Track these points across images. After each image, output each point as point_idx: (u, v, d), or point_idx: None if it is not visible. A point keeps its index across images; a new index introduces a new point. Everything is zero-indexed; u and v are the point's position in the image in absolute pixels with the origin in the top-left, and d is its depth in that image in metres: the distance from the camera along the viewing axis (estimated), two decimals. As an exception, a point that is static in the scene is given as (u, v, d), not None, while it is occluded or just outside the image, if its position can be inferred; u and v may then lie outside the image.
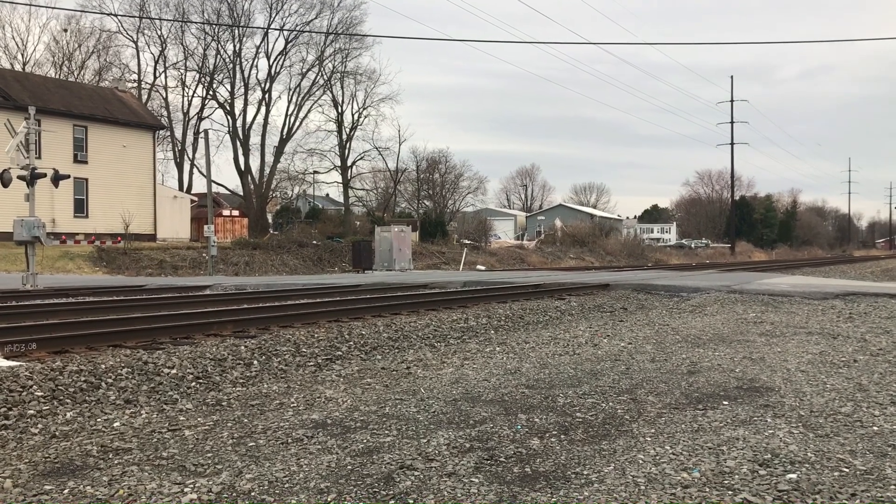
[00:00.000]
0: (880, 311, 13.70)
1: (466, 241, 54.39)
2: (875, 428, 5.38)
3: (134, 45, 59.36)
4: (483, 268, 41.82)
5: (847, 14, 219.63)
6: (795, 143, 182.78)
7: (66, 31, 58.00)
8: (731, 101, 77.36)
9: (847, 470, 4.40)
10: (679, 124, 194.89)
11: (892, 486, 4.11)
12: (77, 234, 38.94)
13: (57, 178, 20.97)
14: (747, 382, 7.09)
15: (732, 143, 77.60)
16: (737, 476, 4.30)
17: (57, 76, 54.46)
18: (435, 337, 10.71)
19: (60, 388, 6.69)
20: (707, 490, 4.08)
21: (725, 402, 6.23)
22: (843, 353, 8.89)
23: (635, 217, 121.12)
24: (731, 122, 77.14)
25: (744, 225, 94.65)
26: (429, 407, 6.18)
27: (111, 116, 42.35)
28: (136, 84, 57.86)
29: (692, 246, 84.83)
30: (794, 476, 4.28)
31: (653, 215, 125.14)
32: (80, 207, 40.55)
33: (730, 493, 4.03)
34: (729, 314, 13.68)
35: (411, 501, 3.98)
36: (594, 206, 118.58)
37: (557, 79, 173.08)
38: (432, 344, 10.25)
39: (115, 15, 58.09)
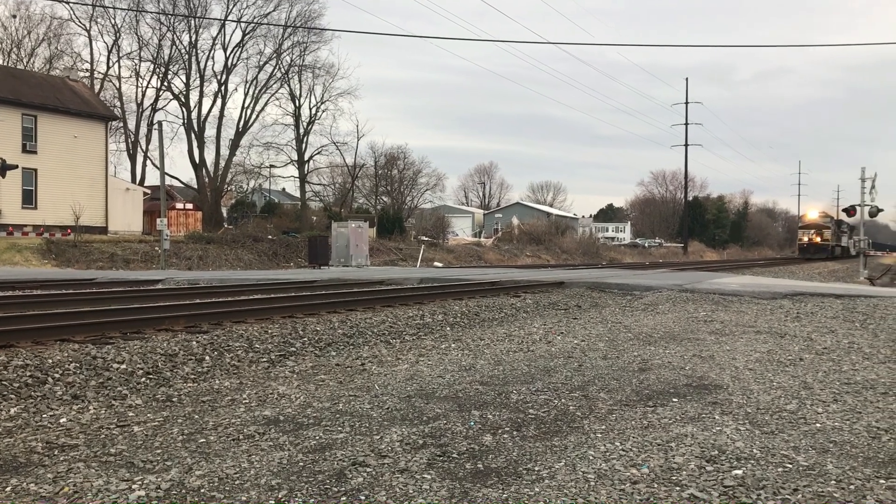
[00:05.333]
0: (826, 311, 14.05)
1: (424, 238, 54.40)
2: (818, 425, 5.52)
3: (87, 34, 58.14)
4: (440, 264, 41.87)
5: (804, 18, 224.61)
6: (748, 145, 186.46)
7: (14, 17, 56.56)
8: (686, 102, 78.65)
9: (790, 466, 4.51)
10: (635, 125, 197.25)
11: (833, 482, 4.22)
12: (25, 225, 38.03)
13: (4, 168, 20.49)
14: (697, 380, 7.22)
15: (686, 145, 78.92)
16: (684, 472, 4.37)
17: (5, 63, 53.08)
18: (390, 333, 10.70)
19: (4, 382, 6.53)
20: (655, 486, 4.15)
21: (675, 400, 6.33)
22: (790, 352, 9.10)
23: (591, 216, 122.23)
24: (686, 124, 78.41)
25: (696, 225, 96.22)
26: (383, 403, 6.17)
27: (62, 106, 41.41)
28: (88, 73, 56.61)
29: (646, 245, 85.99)
30: (739, 472, 4.37)
31: (608, 214, 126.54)
32: (29, 198, 39.59)
33: (677, 488, 4.11)
34: (680, 313, 13.90)
35: (363, 498, 3.97)
36: (551, 205, 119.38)
37: (516, 77, 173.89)
38: (387, 340, 10.24)
39: (67, 2, 56.76)
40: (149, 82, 59.74)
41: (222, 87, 59.71)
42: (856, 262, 53.95)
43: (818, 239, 63.33)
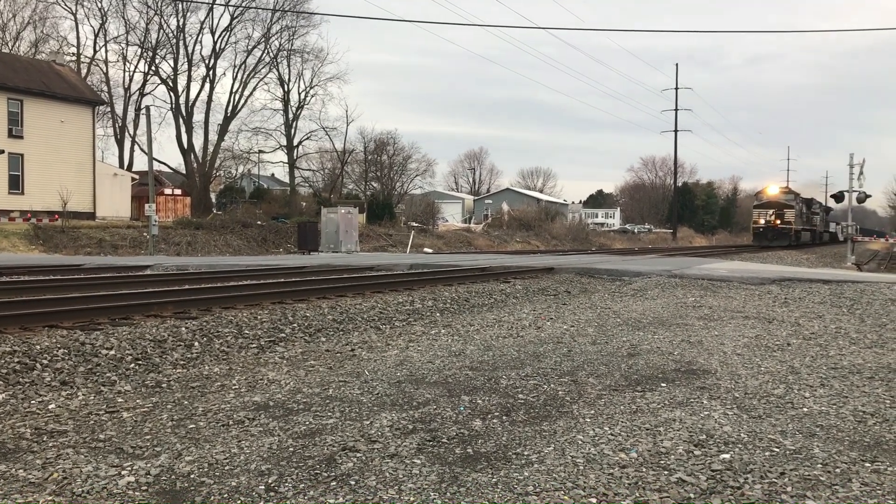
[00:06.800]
0: (814, 297, 14.13)
1: (414, 224, 54.34)
2: (805, 409, 5.56)
3: (73, 17, 57.55)
4: (430, 250, 41.86)
5: (793, 3, 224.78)
6: (737, 131, 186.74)
7: (-1, 0, 55.84)
8: (676, 88, 78.56)
9: (777, 450, 4.54)
10: (625, 110, 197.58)
11: (819, 465, 4.26)
12: (12, 211, 37.76)
13: (-10, 153, 20.29)
14: (685, 365, 7.26)
15: (676, 131, 78.89)
16: (672, 456, 4.40)
17: (-10, 47, 52.53)
18: (380, 319, 10.69)
19: (-8, 369, 6.50)
20: (644, 470, 4.17)
21: (663, 385, 6.37)
22: (778, 337, 9.15)
23: (580, 202, 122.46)
24: (676, 110, 78.37)
25: (686, 211, 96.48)
26: (373, 389, 6.18)
27: (48, 90, 41.03)
28: (74, 57, 56.10)
29: (635, 231, 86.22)
30: (727, 456, 4.41)
31: (597, 200, 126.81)
32: (16, 184, 39.28)
33: (665, 472, 4.13)
34: (669, 298, 13.96)
35: (353, 483, 3.98)
36: (541, 191, 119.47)
37: (506, 61, 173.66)
38: (377, 326, 10.24)
39: (53, -15, 56.13)
40: (136, 66, 59.39)
41: (210, 72, 59.37)
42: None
43: (777, 221, 50.98)
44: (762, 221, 51.62)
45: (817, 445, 4.64)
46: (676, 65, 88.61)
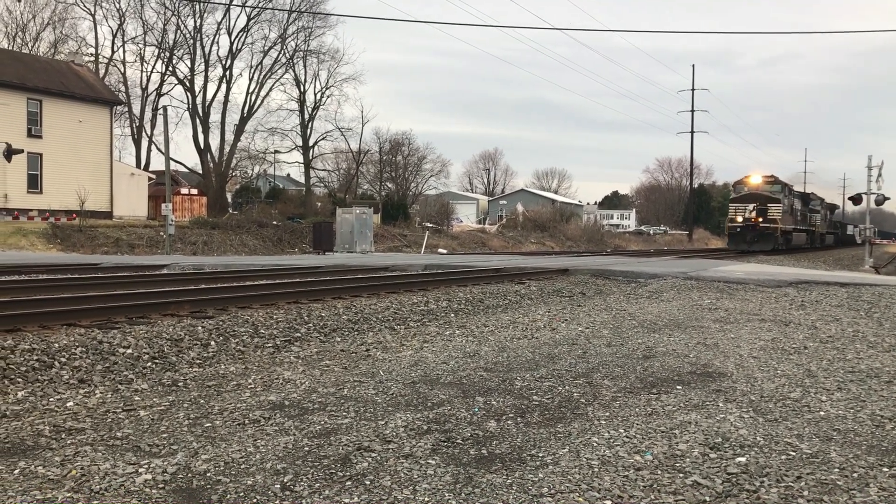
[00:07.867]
0: (831, 300, 14.03)
1: (428, 225, 54.37)
2: (822, 413, 5.53)
3: (91, 18, 58.03)
4: (445, 251, 41.87)
5: (808, 3, 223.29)
6: (753, 132, 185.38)
7: (19, 1, 56.42)
8: (693, 89, 78.11)
9: (794, 454, 4.52)
10: (640, 111, 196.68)
11: (836, 470, 4.24)
12: (30, 210, 38.10)
13: (10, 153, 20.50)
14: (701, 368, 7.23)
15: (692, 132, 78.41)
16: (688, 459, 4.39)
17: (10, 47, 53.03)
18: (395, 319, 10.71)
19: (12, 366, 6.57)
20: (659, 472, 4.16)
21: (679, 387, 6.34)
22: (794, 340, 9.09)
23: (596, 203, 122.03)
24: (692, 111, 77.89)
25: (702, 212, 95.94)
26: (387, 389, 6.19)
27: (67, 90, 41.37)
28: (92, 58, 56.54)
29: (651, 232, 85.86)
30: (742, 459, 4.39)
31: (613, 201, 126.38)
32: (34, 183, 39.64)
33: (681, 475, 4.12)
34: (685, 300, 13.89)
35: (368, 482, 3.99)
36: (556, 192, 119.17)
37: (521, 61, 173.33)
38: (392, 326, 10.25)
39: (72, -14, 56.58)
40: (153, 67, 59.74)
41: (227, 73, 59.65)
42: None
43: (759, 219, 39.91)
44: (740, 219, 40.85)
45: (834, 450, 4.61)
46: (693, 66, 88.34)
